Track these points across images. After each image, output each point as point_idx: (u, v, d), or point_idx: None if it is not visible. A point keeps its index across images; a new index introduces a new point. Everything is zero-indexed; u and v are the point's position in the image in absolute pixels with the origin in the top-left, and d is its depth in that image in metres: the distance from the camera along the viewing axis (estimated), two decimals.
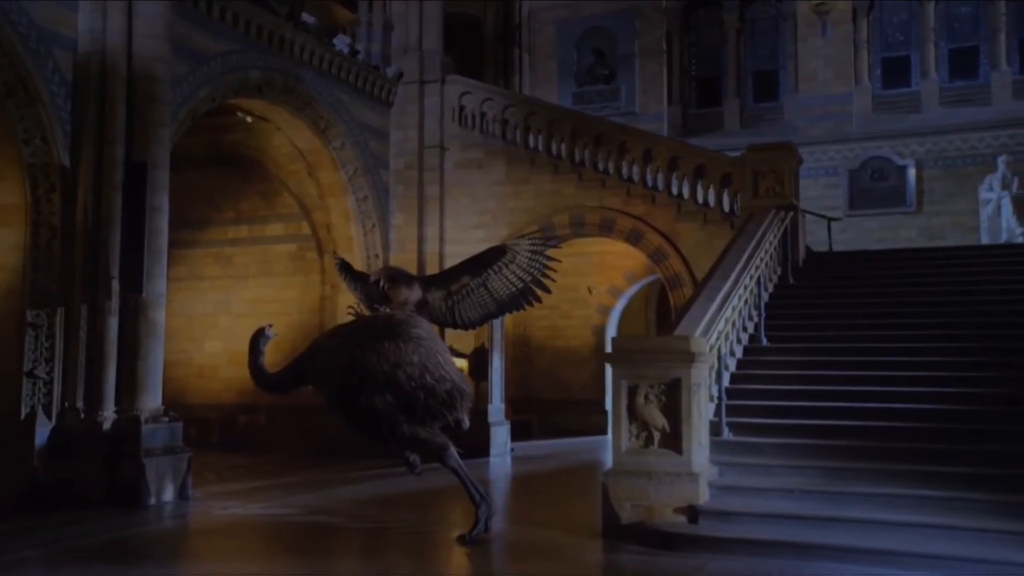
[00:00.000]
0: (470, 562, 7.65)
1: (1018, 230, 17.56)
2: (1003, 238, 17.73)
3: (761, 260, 11.79)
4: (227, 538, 8.61)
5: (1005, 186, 18.12)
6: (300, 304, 17.41)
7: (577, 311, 21.66)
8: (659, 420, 8.18)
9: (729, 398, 9.28)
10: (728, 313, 10.02)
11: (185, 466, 10.62)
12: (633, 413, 8.27)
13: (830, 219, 16.59)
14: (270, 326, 8.86)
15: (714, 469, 8.43)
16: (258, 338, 8.66)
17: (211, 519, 9.42)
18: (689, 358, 8.14)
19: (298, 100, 14.67)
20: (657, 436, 8.20)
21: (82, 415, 10.34)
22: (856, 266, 14.15)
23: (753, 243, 12.09)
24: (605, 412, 21.51)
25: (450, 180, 16.67)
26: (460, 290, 8.80)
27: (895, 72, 20.81)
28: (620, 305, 21.86)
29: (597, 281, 21.27)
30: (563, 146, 15.98)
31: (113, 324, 10.39)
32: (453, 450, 8.04)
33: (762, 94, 21.94)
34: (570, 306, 21.37)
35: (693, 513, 7.90)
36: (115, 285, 10.35)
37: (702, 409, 8.32)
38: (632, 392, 8.28)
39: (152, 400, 10.56)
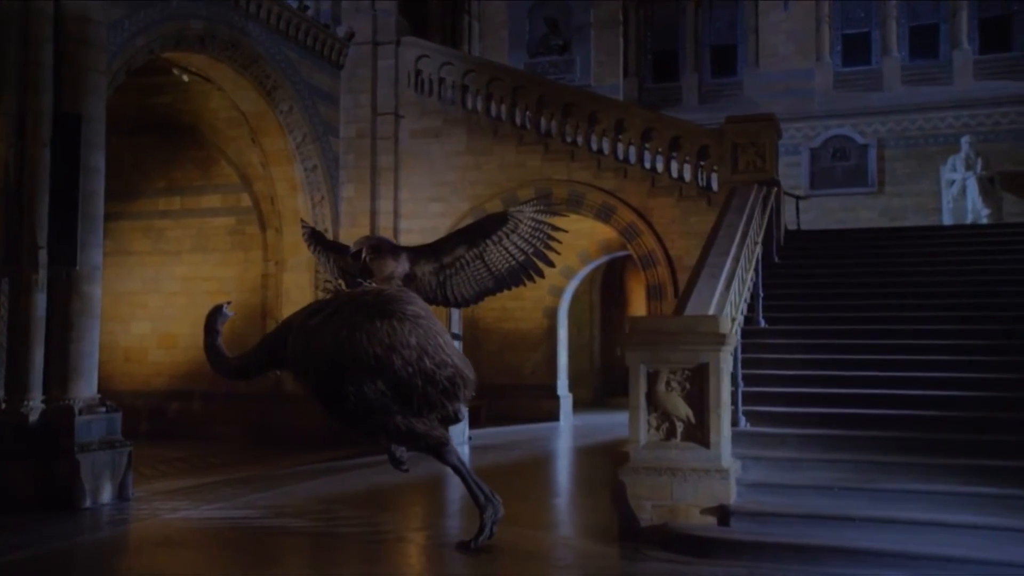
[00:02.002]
0: (478, 574, 6.66)
1: (984, 211, 17.24)
2: (968, 219, 17.41)
3: (752, 238, 11.02)
4: (183, 548, 7.41)
5: (969, 167, 17.81)
6: (240, 282, 16.07)
7: (528, 292, 20.57)
8: (683, 410, 7.31)
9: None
10: (733, 292, 9.21)
11: (125, 462, 9.35)
12: (653, 402, 7.38)
13: (799, 197, 16.03)
14: (228, 303, 7.73)
15: (737, 463, 7.59)
16: (215, 317, 7.52)
17: (160, 525, 8.18)
18: (719, 340, 7.28)
19: (243, 57, 13.31)
20: (680, 427, 7.33)
21: (3, 405, 8.96)
22: (839, 244, 13.57)
23: (744, 218, 11.33)
24: (557, 398, 20.74)
25: (405, 150, 15.51)
26: (454, 263, 7.77)
27: (856, 49, 20.35)
28: (573, 286, 21.03)
29: None
30: (528, 115, 14.98)
31: (41, 300, 9.02)
32: (453, 445, 7.03)
33: (720, 69, 21.28)
34: (521, 287, 20.36)
35: (724, 514, 7.05)
36: (43, 256, 8.99)
37: (726, 397, 7.47)
38: (652, 378, 7.39)
39: (87, 388, 9.24)
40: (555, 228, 7.84)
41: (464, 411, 7.36)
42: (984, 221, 17.08)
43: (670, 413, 7.32)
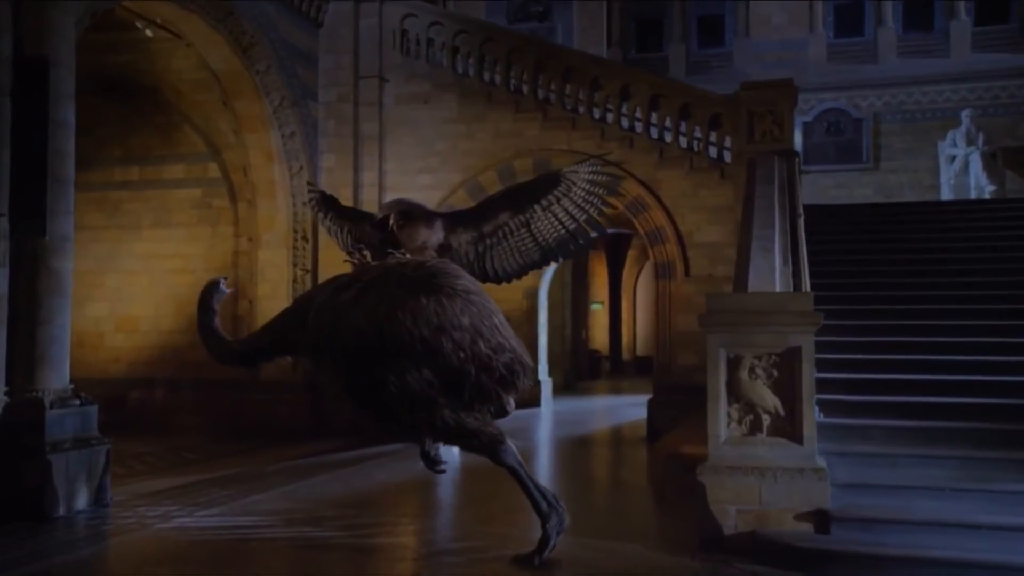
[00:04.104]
0: None
1: (989, 187, 16.65)
2: (972, 195, 16.81)
3: (793, 210, 10.17)
4: (191, 567, 6.19)
5: (971, 142, 17.18)
6: (207, 260, 14.76)
7: None
8: (769, 400, 6.38)
9: None
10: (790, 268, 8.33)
11: (103, 462, 8.13)
12: (735, 391, 6.44)
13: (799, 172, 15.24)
14: (225, 278, 6.64)
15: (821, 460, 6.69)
16: (211, 293, 6.41)
17: (153, 537, 6.98)
18: (812, 320, 6.37)
19: (217, 8, 11.99)
20: (766, 420, 6.40)
21: None
22: (861, 219, 12.76)
23: (776, 189, 10.50)
24: (538, 383, 19.72)
25: (391, 117, 14.34)
26: (495, 232, 6.73)
27: (848, 20, 19.66)
28: (554, 264, 19.97)
29: None
30: (525, 80, 13.91)
31: (2, 277, 7.73)
32: (510, 444, 6.00)
33: (708, 39, 20.45)
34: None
35: (823, 520, 6.14)
36: (4, 224, 7.69)
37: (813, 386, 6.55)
38: (733, 365, 6.44)
39: (57, 377, 7.99)
40: (611, 192, 6.87)
41: (513, 404, 6.30)
42: (987, 197, 16.49)
43: (755, 404, 6.39)
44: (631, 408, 18.71)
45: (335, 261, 14.21)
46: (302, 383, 13.64)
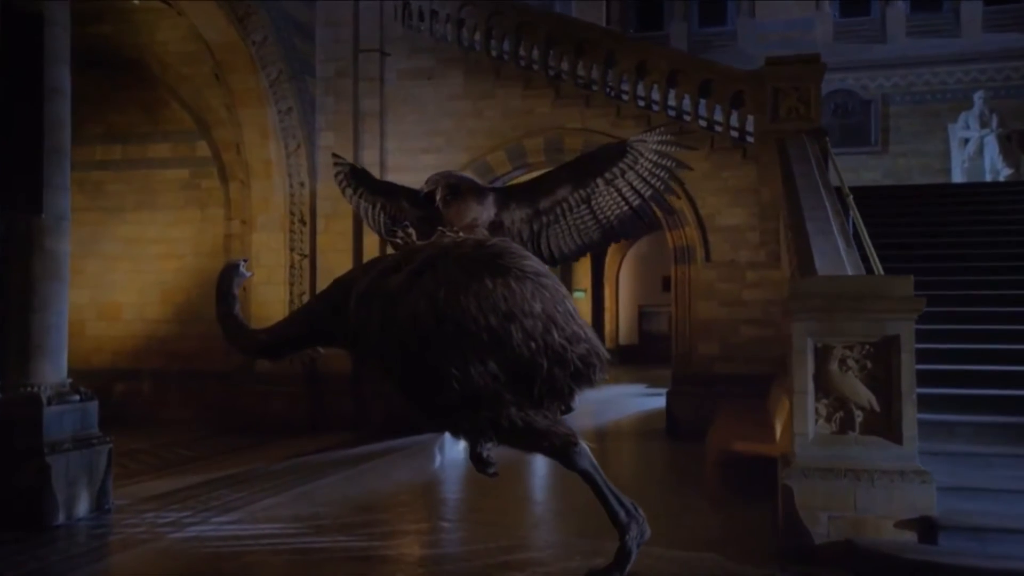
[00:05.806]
0: None
1: (1005, 171, 16.22)
2: (987, 179, 16.37)
3: (840, 189, 9.61)
4: None
5: (984, 124, 16.74)
6: (195, 245, 13.98)
7: None
8: (863, 395, 5.78)
9: None
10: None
11: (104, 464, 7.39)
12: (824, 385, 5.83)
13: None
14: (244, 261, 5.91)
15: None
16: (229, 277, 5.67)
17: (171, 549, 6.22)
18: (913, 307, 5.77)
19: None
20: (859, 417, 5.80)
21: None
22: (891, 202, 12.17)
23: (815, 168, 9.94)
24: None
25: (393, 93, 13.55)
26: (553, 208, 6.03)
27: None
28: None
29: None
30: (536, 55, 13.19)
31: None
32: (584, 445, 5.31)
33: (709, 19, 19.81)
34: None
35: (928, 528, 5.55)
36: None
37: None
38: (822, 356, 5.83)
39: (55, 370, 7.18)
40: (679, 164, 6.28)
41: (578, 399, 5.62)
42: (1003, 180, 16.06)
43: (847, 399, 5.79)
44: (630, 399, 18.18)
45: (334, 245, 13.52)
46: (300, 375, 12.87)
